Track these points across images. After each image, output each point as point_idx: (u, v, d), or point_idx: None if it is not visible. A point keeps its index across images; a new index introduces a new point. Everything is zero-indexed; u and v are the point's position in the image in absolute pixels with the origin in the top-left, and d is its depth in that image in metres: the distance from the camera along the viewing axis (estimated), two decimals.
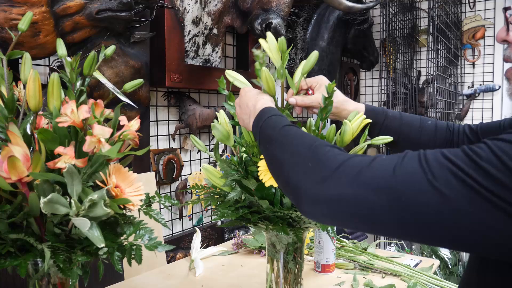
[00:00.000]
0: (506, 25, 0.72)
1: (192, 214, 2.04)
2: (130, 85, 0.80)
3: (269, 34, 0.84)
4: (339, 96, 0.95)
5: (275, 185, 0.76)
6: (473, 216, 0.49)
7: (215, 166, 0.89)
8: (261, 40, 0.83)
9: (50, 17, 1.30)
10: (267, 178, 0.76)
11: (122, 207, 0.71)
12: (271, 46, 0.82)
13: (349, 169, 0.54)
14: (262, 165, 0.77)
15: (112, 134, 0.72)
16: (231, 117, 0.91)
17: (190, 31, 1.81)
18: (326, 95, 0.83)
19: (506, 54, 0.74)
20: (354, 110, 0.91)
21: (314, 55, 0.87)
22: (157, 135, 1.85)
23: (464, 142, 0.91)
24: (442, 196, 0.49)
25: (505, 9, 0.73)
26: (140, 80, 0.81)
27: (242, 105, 0.80)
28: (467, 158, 0.50)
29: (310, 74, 0.92)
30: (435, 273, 1.42)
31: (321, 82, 0.93)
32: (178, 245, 1.90)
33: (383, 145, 3.12)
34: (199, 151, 2.06)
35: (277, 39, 0.82)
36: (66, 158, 0.64)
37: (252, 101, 0.78)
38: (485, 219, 0.48)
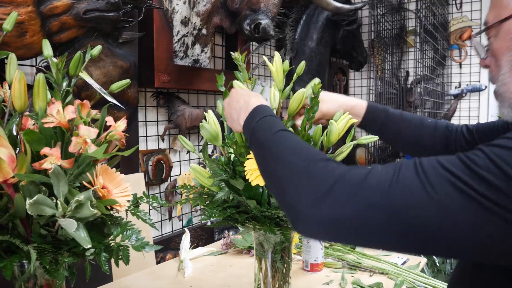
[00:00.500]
0: (477, 52, 0.75)
1: (182, 214, 2.03)
2: (117, 86, 0.80)
3: (276, 54, 0.86)
4: (340, 99, 0.98)
5: (262, 184, 0.76)
6: (474, 225, 0.48)
7: (204, 166, 0.90)
8: (267, 62, 0.86)
9: (37, 17, 1.29)
10: (253, 178, 0.77)
11: (110, 208, 0.70)
12: (277, 68, 0.85)
13: (345, 187, 0.52)
14: (249, 164, 0.77)
15: (98, 135, 0.72)
16: (219, 117, 0.92)
17: (179, 31, 1.81)
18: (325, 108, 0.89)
19: (490, 76, 0.75)
20: (356, 105, 0.96)
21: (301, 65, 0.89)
22: (146, 136, 1.84)
23: (462, 141, 0.91)
24: (442, 209, 0.48)
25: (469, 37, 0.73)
26: (127, 81, 0.81)
27: (232, 103, 0.77)
28: (464, 166, 0.50)
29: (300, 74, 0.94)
30: (422, 271, 1.44)
31: (321, 97, 0.93)
32: (168, 246, 1.89)
33: (372, 145, 3.14)
34: (188, 151, 2.06)
35: (266, 40, 0.83)
36: (52, 159, 0.63)
37: (245, 97, 0.75)
38: (485, 227, 0.48)
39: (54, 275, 0.63)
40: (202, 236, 2.08)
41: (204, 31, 1.92)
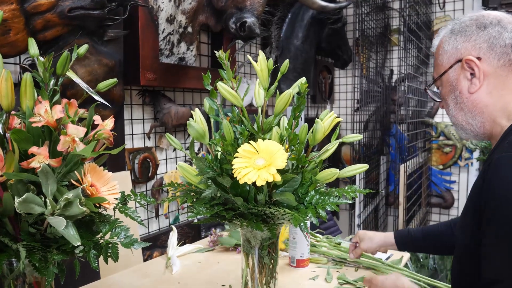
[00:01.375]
0: (433, 99, 1.06)
1: (169, 212, 2.04)
2: (104, 85, 0.81)
3: (261, 53, 0.87)
4: (377, 238, 1.29)
5: (250, 182, 0.77)
6: None
7: (191, 164, 0.91)
8: (252, 61, 0.87)
9: (21, 15, 1.28)
10: (241, 176, 0.78)
11: (98, 205, 0.71)
12: (262, 66, 0.86)
13: None
14: (237, 163, 0.78)
15: (86, 134, 0.73)
16: (206, 115, 0.93)
17: (164, 29, 1.81)
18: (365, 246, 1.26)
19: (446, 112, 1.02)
20: (389, 239, 1.27)
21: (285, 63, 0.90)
22: (132, 134, 1.84)
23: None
24: None
25: (424, 89, 1.09)
26: (114, 80, 0.81)
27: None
28: None
29: (285, 72, 0.95)
30: (406, 266, 1.47)
31: (361, 236, 1.29)
32: (155, 244, 1.90)
33: (357, 143, 3.18)
34: (174, 149, 2.06)
35: (251, 38, 0.85)
36: (40, 158, 0.64)
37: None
38: None
39: (43, 272, 0.64)
40: (189, 234, 2.08)
41: (189, 29, 1.92)
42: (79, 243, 0.61)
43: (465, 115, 0.94)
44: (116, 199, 0.74)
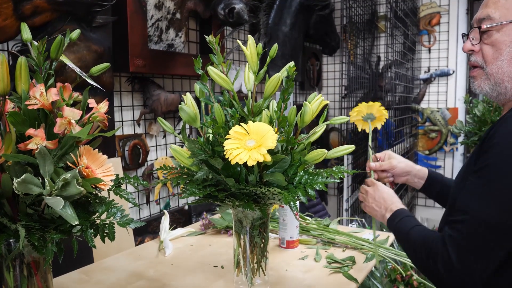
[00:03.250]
0: (468, 40, 0.97)
1: (160, 199, 2.06)
2: (97, 69, 0.82)
3: (250, 38, 0.88)
4: (408, 161, 1.29)
5: (241, 163, 0.80)
6: None
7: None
8: (241, 45, 0.89)
9: (9, 1, 1.28)
10: (232, 157, 0.80)
11: (94, 187, 0.73)
12: (251, 51, 0.88)
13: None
14: (228, 144, 0.80)
15: (82, 116, 0.74)
16: (197, 100, 0.94)
17: (153, 15, 1.81)
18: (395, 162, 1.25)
19: (472, 59, 0.97)
20: (421, 169, 1.28)
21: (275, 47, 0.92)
22: (122, 121, 1.85)
23: None
24: None
25: (462, 35, 1.03)
26: (107, 64, 0.83)
27: (378, 198, 1.13)
28: None
29: (274, 59, 0.98)
30: (392, 245, 1.52)
31: (387, 153, 1.29)
32: (146, 230, 1.92)
33: (345, 128, 3.21)
34: (164, 136, 2.08)
35: (240, 24, 0.86)
36: (37, 139, 0.65)
37: (389, 200, 1.11)
38: None
39: (42, 251, 0.66)
40: (180, 220, 2.11)
41: (178, 16, 1.92)
42: (76, 222, 0.63)
43: None
44: (111, 180, 0.76)
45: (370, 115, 1.25)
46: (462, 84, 3.62)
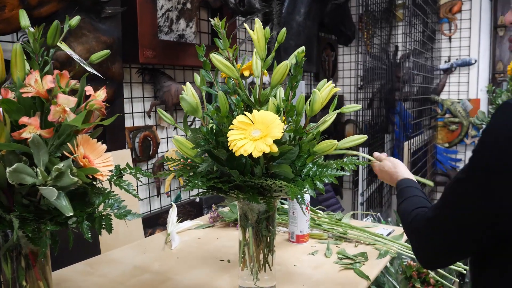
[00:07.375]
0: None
1: (170, 191, 2.04)
2: (96, 56, 0.79)
3: (257, 22, 0.85)
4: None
5: (246, 154, 0.76)
6: None
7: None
8: (249, 30, 0.85)
9: None
10: (237, 148, 0.77)
11: (91, 177, 0.71)
12: (259, 35, 0.84)
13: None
14: (232, 134, 0.77)
15: (78, 105, 0.72)
16: (197, 89, 0.91)
17: (162, 5, 1.78)
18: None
19: None
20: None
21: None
22: (132, 112, 1.83)
23: None
24: None
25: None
26: (106, 51, 0.80)
27: (389, 168, 1.19)
28: None
29: (287, 50, 0.94)
30: (407, 241, 1.47)
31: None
32: (157, 222, 1.91)
33: (360, 120, 3.15)
34: (175, 128, 2.06)
35: (251, 13, 0.83)
36: (31, 128, 0.63)
37: (400, 170, 1.17)
38: None
39: (37, 243, 0.64)
40: (191, 212, 2.09)
41: (188, 5, 1.89)
42: (71, 213, 0.61)
43: None
44: (111, 171, 0.73)
45: None
46: (485, 74, 3.50)
